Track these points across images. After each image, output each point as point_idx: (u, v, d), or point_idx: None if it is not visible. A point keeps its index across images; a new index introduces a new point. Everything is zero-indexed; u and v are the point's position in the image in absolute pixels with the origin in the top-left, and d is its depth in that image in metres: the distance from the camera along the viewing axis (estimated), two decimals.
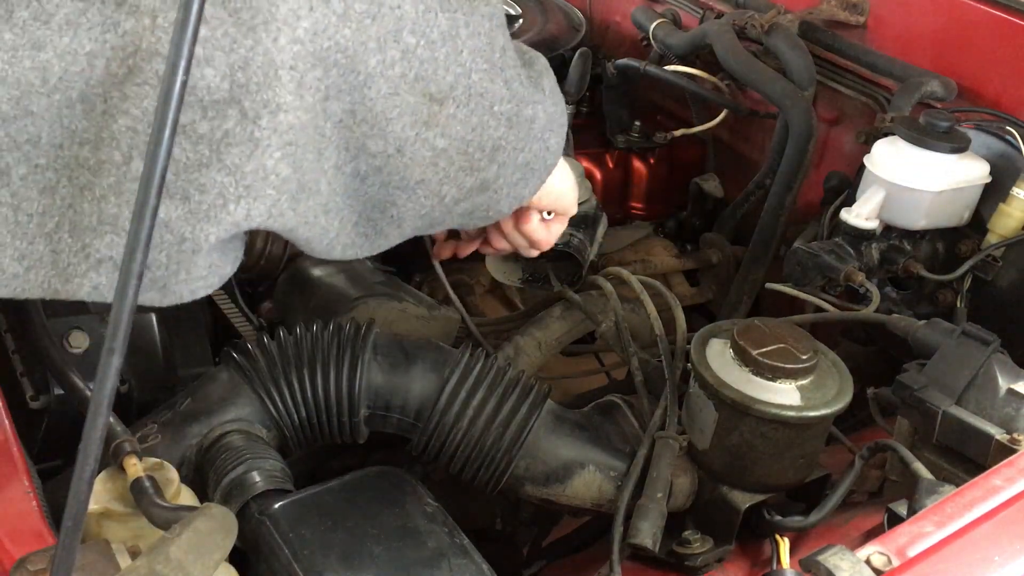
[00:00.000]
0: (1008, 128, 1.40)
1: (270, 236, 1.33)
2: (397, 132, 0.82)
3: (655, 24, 1.91)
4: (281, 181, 0.76)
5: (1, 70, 0.68)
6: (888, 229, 1.41)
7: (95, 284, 0.74)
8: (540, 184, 0.99)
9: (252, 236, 1.30)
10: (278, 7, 0.71)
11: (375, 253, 0.91)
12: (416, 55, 0.80)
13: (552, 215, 1.16)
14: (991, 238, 1.37)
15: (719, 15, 1.83)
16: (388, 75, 0.79)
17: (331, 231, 0.85)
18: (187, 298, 0.78)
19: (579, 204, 1.45)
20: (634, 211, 2.04)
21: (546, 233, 1.17)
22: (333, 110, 0.78)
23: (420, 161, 0.85)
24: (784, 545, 0.97)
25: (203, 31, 0.68)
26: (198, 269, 0.77)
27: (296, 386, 1.05)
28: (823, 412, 1.00)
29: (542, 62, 0.99)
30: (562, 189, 1.10)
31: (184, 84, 0.64)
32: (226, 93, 0.71)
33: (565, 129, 0.99)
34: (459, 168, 0.88)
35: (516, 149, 0.92)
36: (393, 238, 0.90)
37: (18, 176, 0.71)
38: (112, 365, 0.64)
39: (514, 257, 1.46)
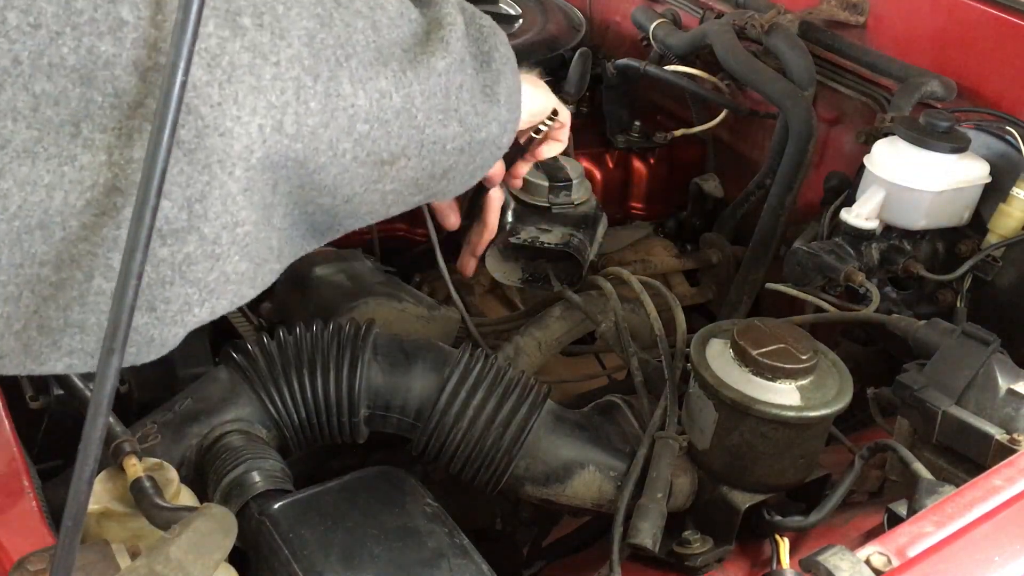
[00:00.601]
0: (1008, 128, 1.40)
1: None
2: (346, 192, 0.83)
3: (655, 24, 1.90)
4: (240, 275, 0.78)
5: None
6: (888, 229, 1.41)
7: (68, 364, 0.76)
8: (490, 167, 0.98)
9: None
10: (232, 145, 0.72)
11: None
12: (369, 137, 0.80)
13: (541, 133, 1.14)
14: (991, 238, 1.37)
15: (719, 15, 1.82)
16: (340, 162, 0.80)
17: (284, 261, 0.86)
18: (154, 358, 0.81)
19: (579, 204, 1.45)
20: (634, 211, 2.03)
21: (551, 148, 1.18)
22: (281, 189, 0.79)
23: (369, 202, 0.86)
24: (784, 545, 0.97)
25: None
26: (166, 351, 0.79)
27: (296, 386, 1.04)
28: (823, 412, 1.00)
29: (500, 50, 0.93)
30: (536, 109, 1.08)
31: (184, 84, 0.64)
32: (184, 223, 0.72)
33: (518, 121, 0.97)
34: (408, 194, 0.90)
35: (467, 164, 0.93)
36: (340, 235, 0.92)
37: None
38: (112, 365, 0.64)
39: (514, 257, 1.46)
